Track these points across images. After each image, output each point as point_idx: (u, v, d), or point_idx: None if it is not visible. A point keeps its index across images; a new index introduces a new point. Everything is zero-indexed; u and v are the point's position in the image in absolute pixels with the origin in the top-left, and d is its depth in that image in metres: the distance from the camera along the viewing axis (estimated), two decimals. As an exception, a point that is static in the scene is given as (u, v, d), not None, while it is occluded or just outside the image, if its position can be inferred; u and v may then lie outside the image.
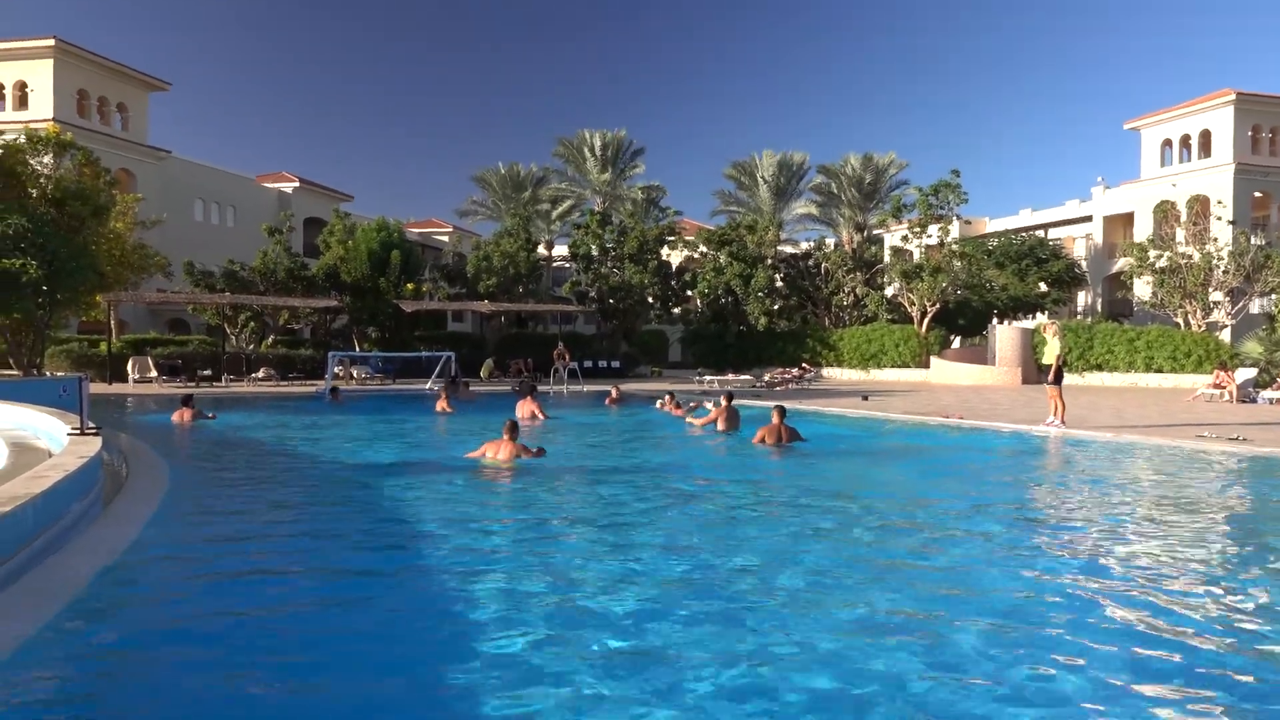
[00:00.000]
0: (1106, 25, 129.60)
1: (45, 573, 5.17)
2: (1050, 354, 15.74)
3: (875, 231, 52.06)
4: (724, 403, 15.60)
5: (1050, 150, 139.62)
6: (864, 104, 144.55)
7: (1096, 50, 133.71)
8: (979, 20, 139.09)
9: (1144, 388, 31.27)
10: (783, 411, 13.43)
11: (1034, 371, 33.32)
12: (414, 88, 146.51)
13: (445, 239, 64.04)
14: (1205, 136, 44.59)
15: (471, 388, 25.06)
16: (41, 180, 24.28)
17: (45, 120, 36.91)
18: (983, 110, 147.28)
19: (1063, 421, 14.94)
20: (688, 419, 17.02)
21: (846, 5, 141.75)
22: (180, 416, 16.58)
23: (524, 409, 17.01)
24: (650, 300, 43.02)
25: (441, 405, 19.23)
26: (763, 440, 12.90)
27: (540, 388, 27.18)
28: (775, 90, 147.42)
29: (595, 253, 42.31)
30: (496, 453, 10.95)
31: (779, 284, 44.41)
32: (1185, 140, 46.04)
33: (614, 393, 22.47)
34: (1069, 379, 15.87)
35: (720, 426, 15.13)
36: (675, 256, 47.73)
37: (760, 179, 50.67)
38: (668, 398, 20.01)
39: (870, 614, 4.84)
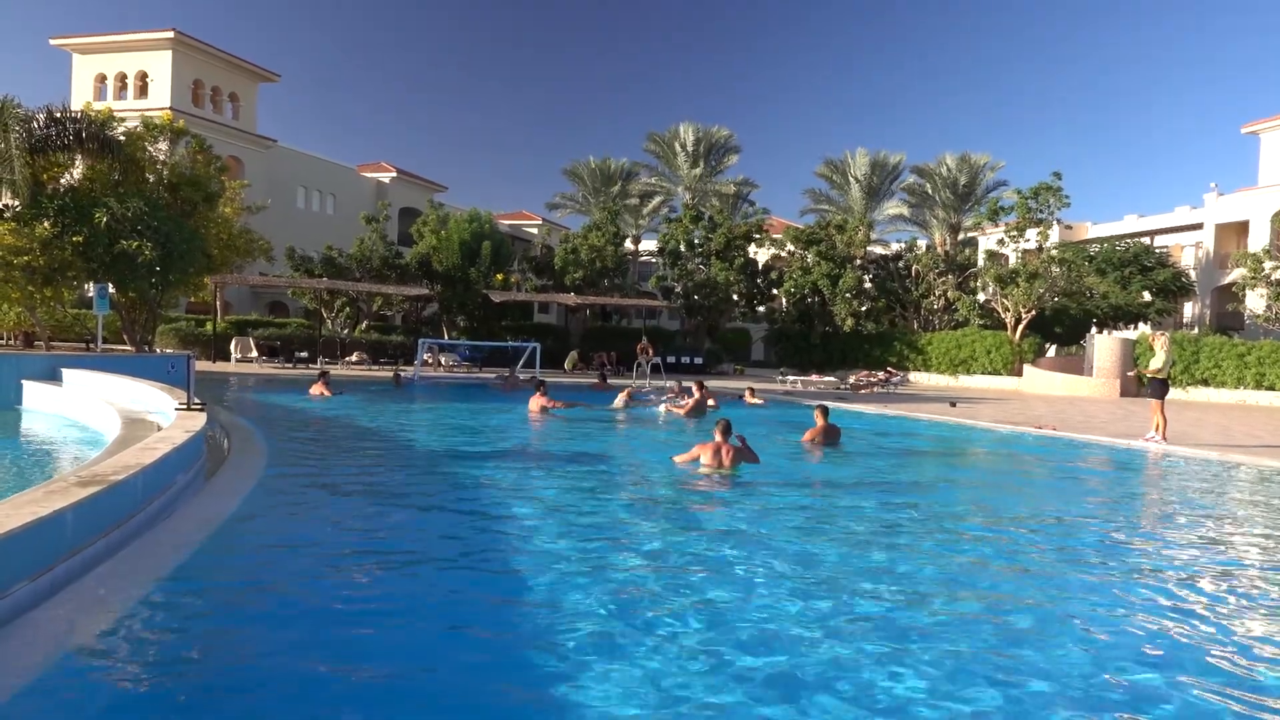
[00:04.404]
0: (1224, 23, 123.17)
1: (152, 540, 5.46)
2: (1155, 366, 14.98)
3: (969, 234, 50.69)
4: (696, 393, 16.78)
5: (1159, 153, 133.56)
6: (961, 102, 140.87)
7: (1212, 49, 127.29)
8: (1085, 17, 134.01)
9: (1253, 406, 29.70)
10: (826, 411, 13.23)
11: (1133, 384, 31.99)
12: (509, 81, 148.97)
13: (534, 231, 64.94)
14: (1333, 142, 42.06)
15: (524, 379, 25.37)
16: (158, 166, 25.48)
17: (163, 109, 38.77)
18: (1087, 111, 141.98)
19: (1164, 437, 14.30)
20: (663, 407, 17.44)
21: (945, 2, 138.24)
22: (317, 389, 18.70)
23: (535, 403, 16.68)
24: (735, 298, 42.81)
25: (622, 400, 18.11)
26: (812, 441, 12.73)
27: (622, 380, 27.36)
28: (869, 88, 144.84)
29: (683, 248, 42.32)
30: (715, 457, 9.52)
31: (867, 285, 43.66)
32: (1310, 145, 43.49)
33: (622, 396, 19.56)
34: (1171, 393, 15.15)
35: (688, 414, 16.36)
36: (762, 254, 47.37)
37: (852, 178, 49.85)
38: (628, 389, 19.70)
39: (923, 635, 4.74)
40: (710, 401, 18.90)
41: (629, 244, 50.12)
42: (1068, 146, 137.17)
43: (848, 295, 40.71)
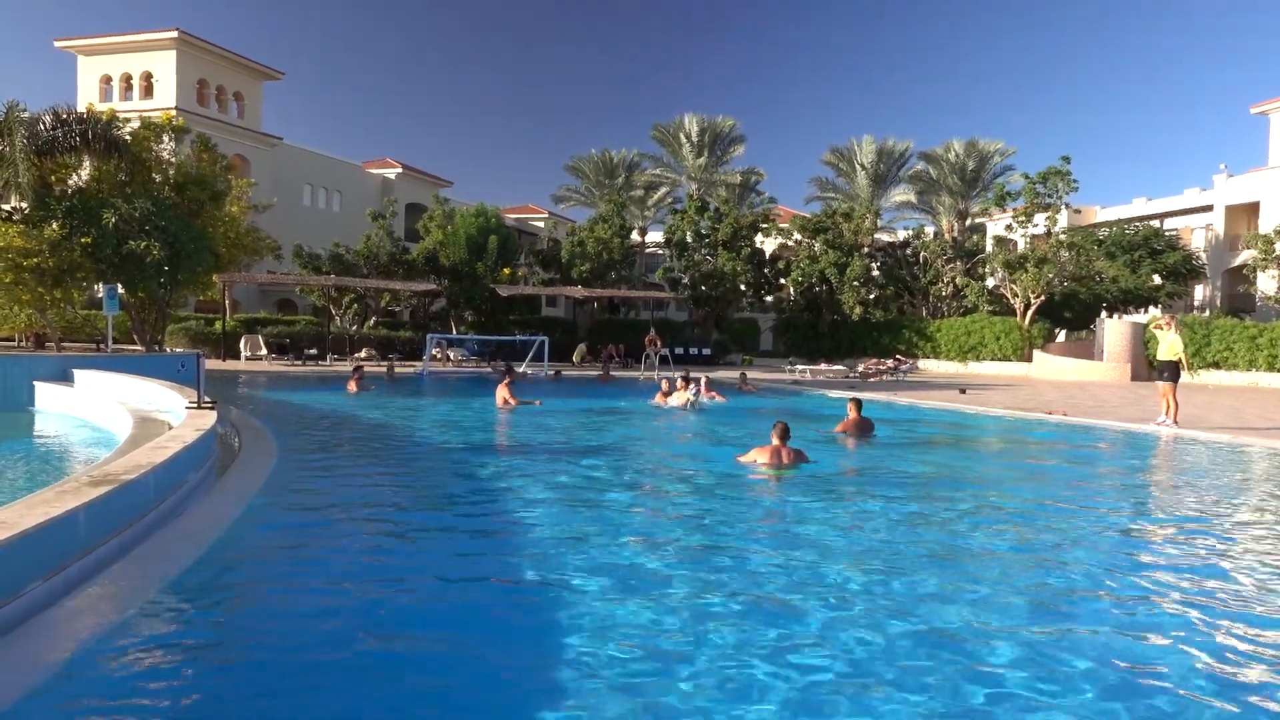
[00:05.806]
0: (1231, 2, 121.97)
1: (164, 538, 5.48)
2: (1169, 351, 14.89)
3: (978, 220, 50.39)
4: (680, 385, 17.25)
5: (1168, 136, 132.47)
6: (968, 87, 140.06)
7: (1220, 29, 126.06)
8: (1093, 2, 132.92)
9: (1266, 388, 29.50)
10: (859, 404, 13.08)
11: (1144, 368, 31.84)
12: (513, 77, 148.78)
13: (541, 224, 64.87)
14: (1344, 120, 41.65)
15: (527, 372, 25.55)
16: (164, 166, 25.56)
17: (168, 109, 38.85)
18: (1095, 94, 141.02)
19: (1175, 421, 14.22)
20: (660, 398, 17.54)
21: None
22: (352, 384, 19.31)
23: (500, 393, 16.60)
24: (742, 288, 42.70)
25: (659, 398, 17.68)
26: (845, 433, 12.58)
27: (630, 373, 27.36)
28: (876, 74, 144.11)
29: (689, 239, 42.23)
30: (775, 458, 9.47)
31: (875, 273, 43.49)
32: (1321, 124, 43.08)
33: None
34: (1182, 376, 15.04)
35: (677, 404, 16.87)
36: (769, 244, 47.21)
37: (859, 165, 49.59)
38: (665, 384, 18.44)
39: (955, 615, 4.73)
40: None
41: (635, 236, 49.95)
42: (1075, 130, 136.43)
43: (855, 283, 40.58)
